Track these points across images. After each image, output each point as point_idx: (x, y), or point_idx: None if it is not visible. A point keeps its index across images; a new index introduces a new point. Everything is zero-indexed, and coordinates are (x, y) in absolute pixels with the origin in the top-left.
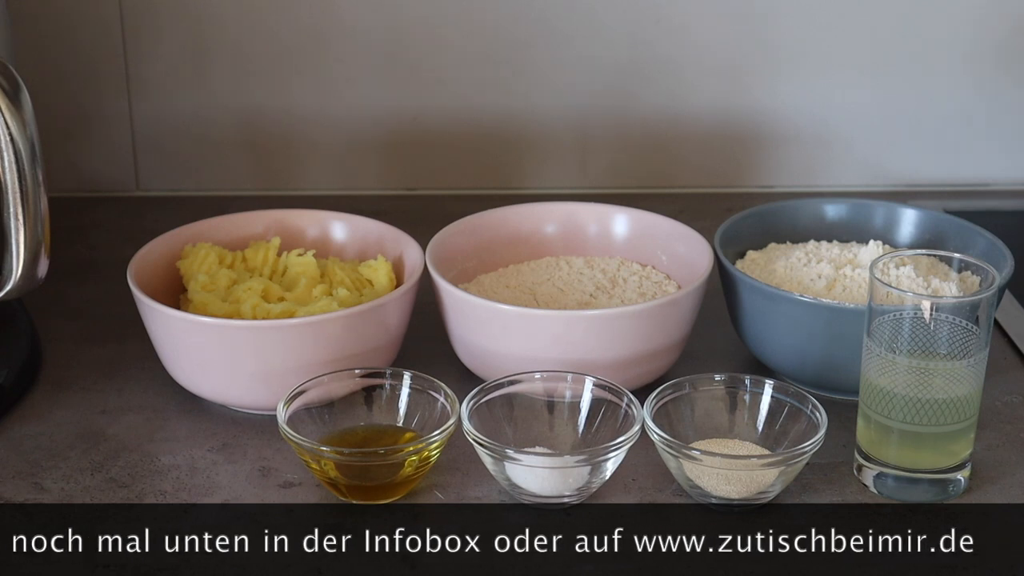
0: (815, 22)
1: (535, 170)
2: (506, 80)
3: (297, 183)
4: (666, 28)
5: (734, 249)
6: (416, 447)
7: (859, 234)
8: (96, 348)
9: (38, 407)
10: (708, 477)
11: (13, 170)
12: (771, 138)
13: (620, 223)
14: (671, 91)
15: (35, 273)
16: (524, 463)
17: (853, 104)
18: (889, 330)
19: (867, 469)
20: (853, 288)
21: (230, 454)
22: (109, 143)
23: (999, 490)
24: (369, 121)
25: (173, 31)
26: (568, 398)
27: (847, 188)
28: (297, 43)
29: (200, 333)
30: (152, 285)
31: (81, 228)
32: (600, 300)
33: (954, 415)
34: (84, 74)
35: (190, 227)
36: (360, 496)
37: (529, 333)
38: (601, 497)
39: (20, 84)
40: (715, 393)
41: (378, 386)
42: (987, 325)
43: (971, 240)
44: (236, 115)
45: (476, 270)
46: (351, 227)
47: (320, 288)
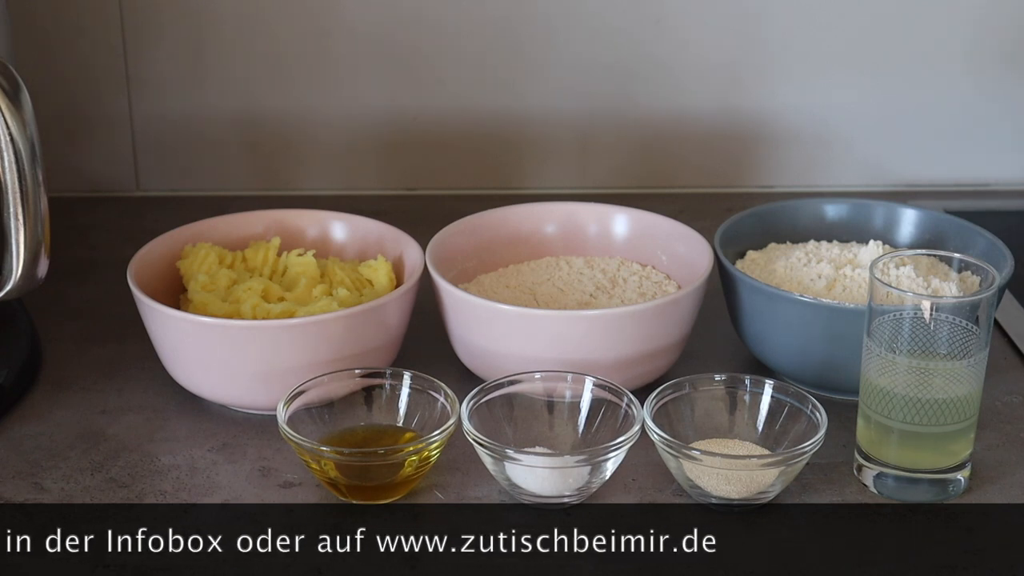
0: (815, 22)
1: (535, 170)
2: (506, 80)
3: (297, 183)
4: (666, 28)
5: (734, 249)
6: (416, 447)
7: (859, 234)
8: (96, 348)
9: (38, 407)
10: (708, 477)
11: (13, 170)
12: (771, 138)
13: (620, 223)
14: (671, 91)
15: (35, 273)
16: (524, 463)
17: (853, 104)
18: (889, 330)
19: (867, 469)
20: (853, 288)
21: (230, 454)
22: (109, 143)
23: (999, 490)
24: (369, 121)
25: (173, 31)
26: (568, 398)
27: (847, 188)
28: (297, 43)
29: (200, 333)
30: (152, 285)
31: (81, 228)
32: (600, 300)
33: (954, 415)
34: (84, 74)
35: (190, 227)
36: (360, 496)
37: (529, 333)
38: (601, 497)
39: (20, 84)
40: (715, 393)
41: (378, 386)
42: (987, 325)
43: (971, 240)
44: (236, 115)
45: (476, 270)
46: (351, 227)
47: (320, 288)
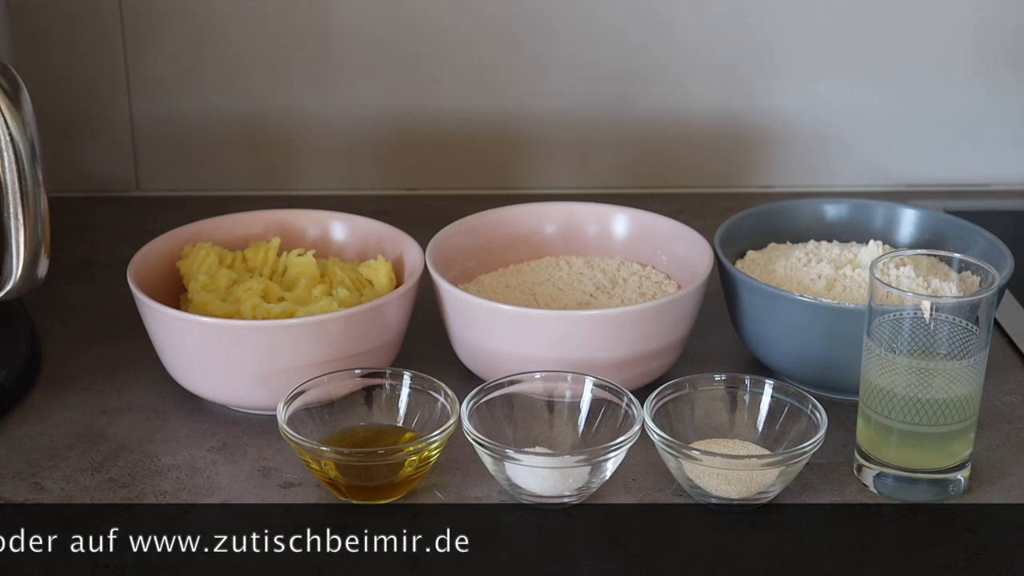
0: (815, 22)
1: (535, 170)
2: (506, 80)
3: (297, 183)
4: (666, 28)
5: (734, 249)
6: (416, 447)
7: (859, 234)
8: (96, 348)
9: (38, 407)
10: (708, 477)
11: (13, 170)
12: (771, 138)
13: (620, 223)
14: (671, 91)
15: (35, 273)
16: (524, 463)
17: (853, 104)
18: (889, 330)
19: (867, 469)
20: (853, 288)
21: (230, 454)
22: (109, 143)
23: (999, 490)
24: (369, 121)
25: (173, 31)
26: (568, 398)
27: (847, 188)
28: (297, 43)
29: (200, 333)
30: (152, 285)
31: (81, 228)
32: (600, 300)
33: (954, 415)
34: (84, 74)
35: (190, 227)
36: (360, 496)
37: (529, 333)
38: (601, 497)
39: (20, 84)
40: (715, 393)
41: (378, 386)
42: (987, 325)
43: (971, 240)
44: (236, 115)
45: (476, 270)
46: (351, 227)
47: (320, 288)
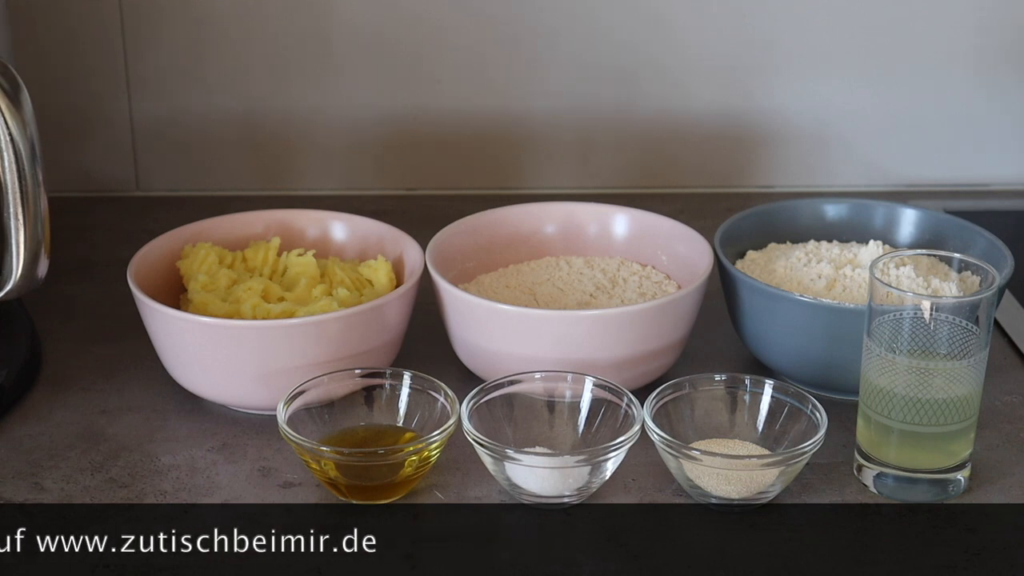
0: (815, 22)
1: (535, 170)
2: (506, 80)
3: (297, 183)
4: (666, 28)
5: (734, 249)
6: (416, 447)
7: (859, 234)
8: (96, 348)
9: (38, 407)
10: (708, 477)
11: (13, 170)
12: (771, 138)
13: (620, 223)
14: (671, 91)
15: (35, 273)
16: (524, 463)
17: (853, 104)
18: (889, 330)
19: (867, 469)
20: (853, 288)
21: (230, 454)
22: (109, 143)
23: (999, 490)
24: (369, 121)
25: (173, 31)
26: (568, 398)
27: (847, 188)
28: (297, 43)
29: (200, 333)
30: (152, 285)
31: (81, 228)
32: (600, 300)
33: (954, 415)
34: (84, 74)
35: (190, 227)
36: (360, 496)
37: (529, 333)
38: (601, 497)
39: (20, 84)
40: (715, 393)
41: (378, 386)
42: (987, 325)
43: (971, 240)
44: (236, 115)
45: (476, 270)
46: (351, 227)
47: (320, 288)
